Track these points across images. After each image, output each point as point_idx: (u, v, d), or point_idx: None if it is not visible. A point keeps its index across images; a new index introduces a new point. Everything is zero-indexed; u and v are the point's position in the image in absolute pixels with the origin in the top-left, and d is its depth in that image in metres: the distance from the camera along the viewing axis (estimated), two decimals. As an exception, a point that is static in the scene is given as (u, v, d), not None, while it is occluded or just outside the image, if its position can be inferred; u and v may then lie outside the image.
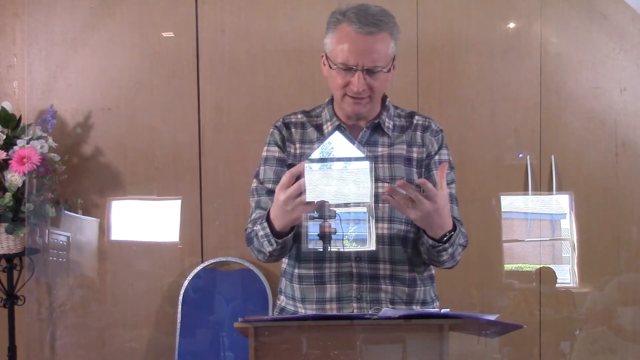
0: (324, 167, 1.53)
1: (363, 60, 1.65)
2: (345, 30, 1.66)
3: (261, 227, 1.67)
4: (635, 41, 2.79)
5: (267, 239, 1.66)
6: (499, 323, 1.55)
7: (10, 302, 2.73)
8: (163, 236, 2.89)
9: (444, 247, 1.65)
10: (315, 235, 1.56)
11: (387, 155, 1.78)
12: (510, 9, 2.83)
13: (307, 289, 1.78)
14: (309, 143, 1.81)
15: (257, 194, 1.82)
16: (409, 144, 1.80)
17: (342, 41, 1.66)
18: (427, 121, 1.85)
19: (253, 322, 1.48)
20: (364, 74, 1.66)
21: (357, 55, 1.65)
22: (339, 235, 1.57)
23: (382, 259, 1.74)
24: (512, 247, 2.92)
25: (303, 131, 1.83)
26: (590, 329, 2.83)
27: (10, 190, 2.62)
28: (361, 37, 1.65)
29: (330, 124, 1.80)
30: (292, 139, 1.83)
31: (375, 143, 1.79)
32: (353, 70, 1.66)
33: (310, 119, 1.85)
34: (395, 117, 1.84)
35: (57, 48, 2.89)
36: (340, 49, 1.67)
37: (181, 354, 2.76)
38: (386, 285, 1.74)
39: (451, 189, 1.79)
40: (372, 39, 1.65)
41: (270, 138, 1.85)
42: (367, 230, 1.56)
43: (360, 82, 1.66)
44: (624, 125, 2.80)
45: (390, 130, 1.81)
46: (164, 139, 2.87)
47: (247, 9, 2.85)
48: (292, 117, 1.87)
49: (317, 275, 1.76)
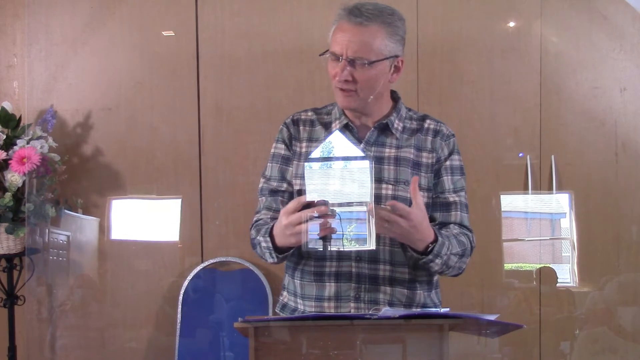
0: (324, 167, 1.53)
1: (347, 50, 1.67)
2: (341, 24, 1.69)
3: (264, 240, 1.70)
4: (635, 41, 2.79)
5: (269, 252, 1.70)
6: (499, 323, 1.55)
7: (10, 302, 2.73)
8: (163, 236, 2.89)
9: (428, 259, 1.65)
10: (315, 234, 1.56)
11: (393, 157, 1.77)
12: (510, 9, 2.83)
13: (307, 285, 1.79)
14: (316, 142, 1.80)
15: (262, 194, 1.83)
16: (418, 148, 1.79)
17: (335, 32, 1.70)
18: (439, 125, 1.84)
19: (253, 322, 1.48)
20: (348, 64, 1.67)
21: (342, 45, 1.67)
22: (339, 234, 1.57)
23: (382, 260, 1.74)
24: (512, 246, 2.92)
25: (311, 129, 1.84)
26: (590, 329, 2.83)
27: (10, 190, 2.62)
28: (349, 27, 1.67)
29: (338, 122, 1.80)
30: (300, 136, 1.83)
31: (382, 144, 1.79)
32: (340, 60, 1.68)
33: (320, 116, 1.85)
34: (406, 119, 1.83)
35: (57, 48, 2.89)
36: (333, 40, 1.71)
37: (181, 354, 2.76)
38: (385, 287, 1.74)
39: (460, 197, 1.80)
40: (360, 29, 1.66)
41: (278, 135, 1.86)
42: (367, 230, 1.56)
43: (341, 70, 1.68)
44: (624, 125, 2.80)
45: (399, 132, 1.80)
46: (164, 139, 2.87)
47: (247, 9, 2.85)
48: (302, 115, 1.87)
49: (317, 272, 1.77)
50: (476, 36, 2.82)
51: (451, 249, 1.68)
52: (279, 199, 1.81)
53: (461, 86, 2.82)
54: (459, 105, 2.82)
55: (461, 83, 2.83)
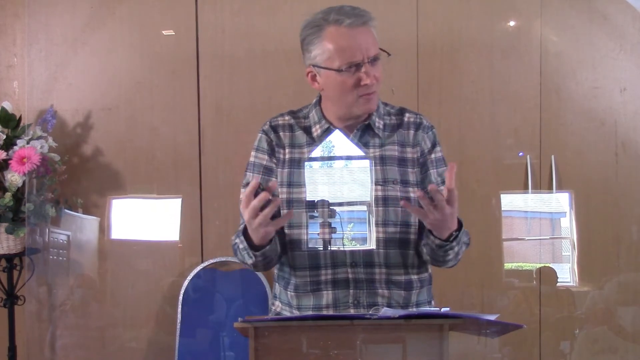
0: (324, 166, 1.53)
1: (367, 52, 1.64)
2: (337, 32, 1.64)
3: (240, 241, 1.65)
4: (635, 41, 2.79)
5: (247, 252, 1.65)
6: (499, 323, 1.55)
7: (10, 302, 2.73)
8: (163, 236, 2.89)
9: (450, 246, 1.63)
10: (315, 234, 1.56)
11: (378, 156, 1.75)
12: (510, 9, 2.83)
13: (303, 296, 1.76)
14: (299, 147, 1.77)
15: None
16: (402, 144, 1.77)
17: (338, 42, 1.64)
18: (419, 118, 1.81)
19: (253, 322, 1.48)
20: (370, 66, 1.65)
21: (360, 49, 1.63)
22: (339, 234, 1.56)
23: (378, 263, 1.73)
24: (512, 246, 2.92)
25: (292, 134, 1.79)
26: (590, 329, 2.83)
27: (10, 190, 2.62)
28: (356, 31, 1.64)
29: (319, 127, 1.76)
30: (281, 143, 1.78)
31: (366, 144, 1.75)
32: (359, 66, 1.64)
33: (298, 120, 1.81)
34: (385, 115, 1.80)
35: (57, 48, 2.89)
36: (339, 51, 1.64)
37: (181, 354, 2.76)
38: (382, 290, 1.74)
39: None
40: (365, 29, 1.65)
41: (257, 144, 1.81)
42: (367, 229, 1.56)
43: (367, 76, 1.64)
44: (624, 125, 2.80)
45: (381, 131, 1.77)
46: (164, 139, 2.87)
47: (247, 9, 2.85)
48: (279, 120, 1.82)
49: (313, 282, 1.74)
50: (476, 36, 2.82)
51: (464, 237, 1.69)
52: None
53: (461, 86, 2.82)
54: (459, 105, 2.82)
55: (461, 83, 2.83)
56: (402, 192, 1.73)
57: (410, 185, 1.74)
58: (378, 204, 1.71)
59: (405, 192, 1.73)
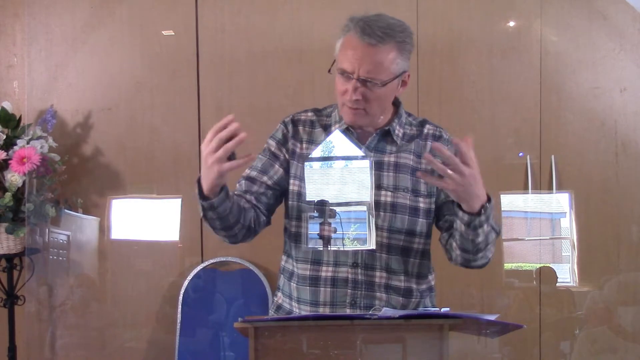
0: (324, 166, 1.53)
1: (359, 70, 1.64)
2: (350, 38, 1.66)
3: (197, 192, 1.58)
4: (635, 41, 2.79)
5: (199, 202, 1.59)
6: (499, 323, 1.55)
7: (10, 302, 2.73)
8: (163, 236, 2.90)
9: (479, 221, 1.57)
10: (315, 234, 1.56)
11: (393, 163, 1.77)
12: (510, 9, 2.83)
13: (301, 289, 1.78)
14: (315, 144, 1.79)
15: (240, 181, 1.80)
16: (418, 154, 1.78)
17: (345, 48, 1.67)
18: (438, 130, 1.83)
19: (253, 322, 1.48)
20: (360, 84, 1.65)
21: (353, 64, 1.64)
22: (339, 234, 1.57)
23: (379, 267, 1.74)
24: (512, 246, 2.92)
25: (311, 130, 1.82)
26: (590, 329, 2.83)
27: (10, 190, 2.62)
28: (361, 47, 1.63)
29: (338, 126, 1.79)
30: (299, 137, 1.81)
31: (382, 150, 1.78)
32: (350, 78, 1.65)
33: (320, 118, 1.84)
34: (406, 124, 1.82)
35: (57, 48, 2.89)
36: (342, 55, 1.67)
37: (181, 354, 2.76)
38: (381, 294, 1.75)
39: None
40: (373, 49, 1.63)
41: (274, 132, 1.85)
42: (367, 229, 1.56)
43: (353, 91, 1.65)
44: (624, 125, 2.80)
45: (400, 139, 1.79)
46: (164, 139, 2.87)
47: (247, 9, 2.85)
48: (302, 115, 1.85)
49: (312, 277, 1.76)
50: (476, 36, 2.82)
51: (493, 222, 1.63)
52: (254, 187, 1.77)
53: (461, 86, 2.82)
54: (459, 105, 2.82)
55: (461, 83, 2.83)
56: (411, 200, 1.75)
57: (421, 195, 1.76)
58: (386, 210, 1.73)
59: (414, 201, 1.75)
